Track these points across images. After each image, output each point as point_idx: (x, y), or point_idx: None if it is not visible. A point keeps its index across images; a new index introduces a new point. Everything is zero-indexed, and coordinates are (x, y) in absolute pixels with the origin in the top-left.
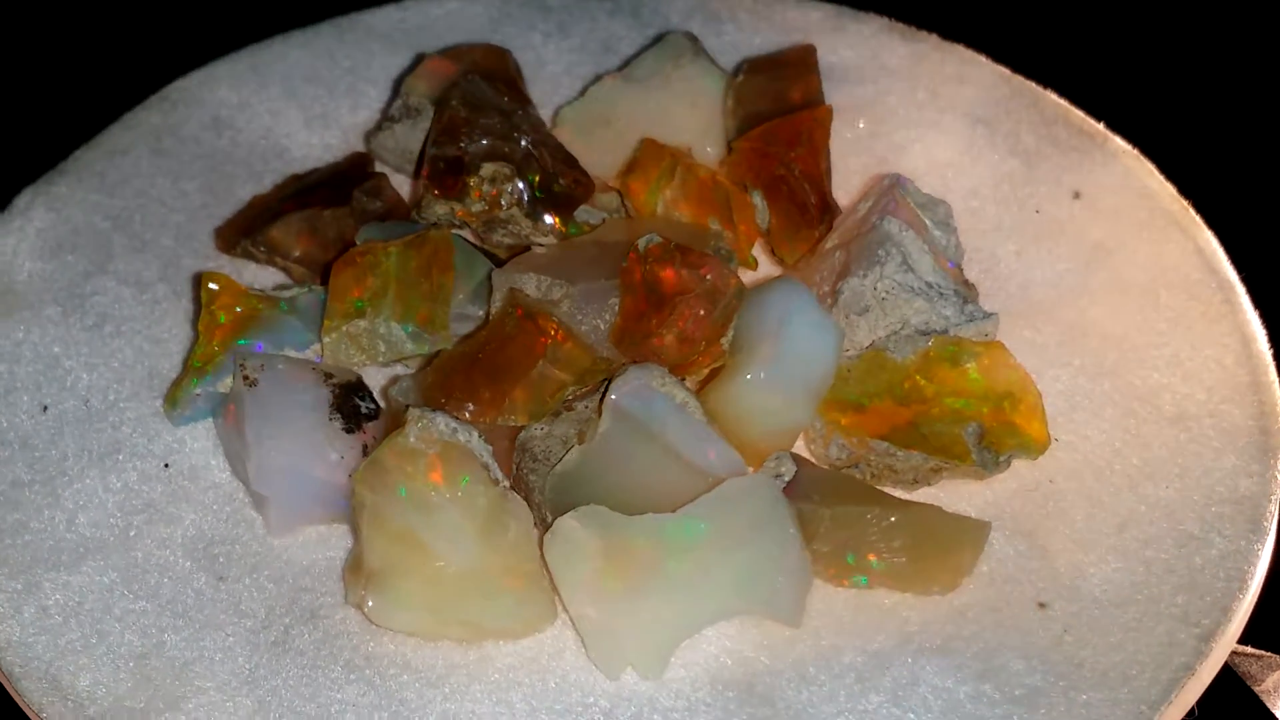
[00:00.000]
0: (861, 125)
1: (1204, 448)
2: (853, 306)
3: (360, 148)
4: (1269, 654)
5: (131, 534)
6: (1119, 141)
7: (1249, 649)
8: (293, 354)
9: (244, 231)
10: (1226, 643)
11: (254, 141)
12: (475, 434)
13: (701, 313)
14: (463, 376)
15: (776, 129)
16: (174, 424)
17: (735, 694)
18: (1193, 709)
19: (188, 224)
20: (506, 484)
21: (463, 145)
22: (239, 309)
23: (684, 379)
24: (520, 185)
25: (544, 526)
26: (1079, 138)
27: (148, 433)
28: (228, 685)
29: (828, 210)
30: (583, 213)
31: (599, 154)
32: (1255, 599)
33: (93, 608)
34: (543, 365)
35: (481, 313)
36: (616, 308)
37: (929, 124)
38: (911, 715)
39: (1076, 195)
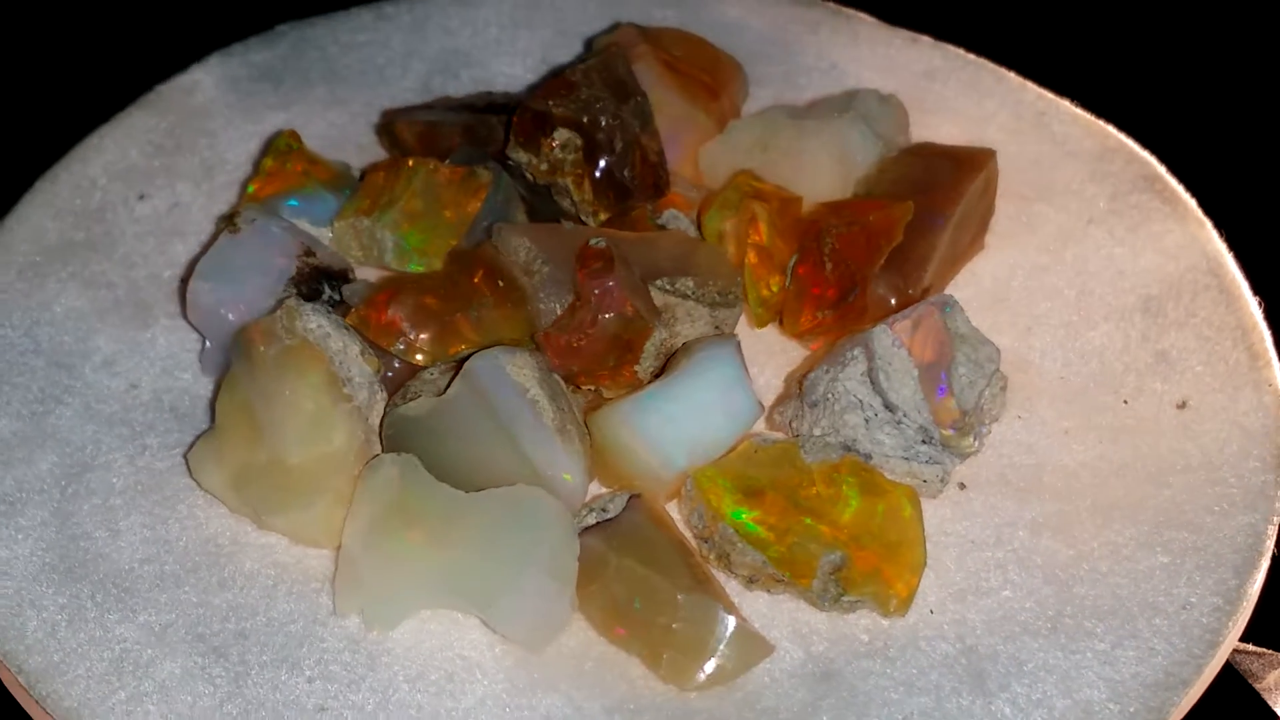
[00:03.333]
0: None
1: (1072, 681)
2: (808, 395)
3: None
4: (1270, 651)
5: (107, 316)
6: (1275, 374)
7: (1250, 646)
8: (307, 226)
9: (389, 121)
10: (1228, 644)
11: (487, 55)
12: (355, 347)
13: (585, 323)
14: (387, 296)
15: (850, 205)
16: None
17: (434, 677)
18: None
19: (376, 102)
20: (371, 402)
21: (552, 104)
22: (300, 169)
23: (593, 388)
24: (583, 160)
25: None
26: (1242, 355)
27: (192, 249)
28: (64, 470)
29: (845, 300)
30: (671, 218)
31: None
32: (1257, 597)
33: (23, 357)
34: (459, 318)
35: None
36: None
37: (1103, 281)
38: None
39: (1182, 405)
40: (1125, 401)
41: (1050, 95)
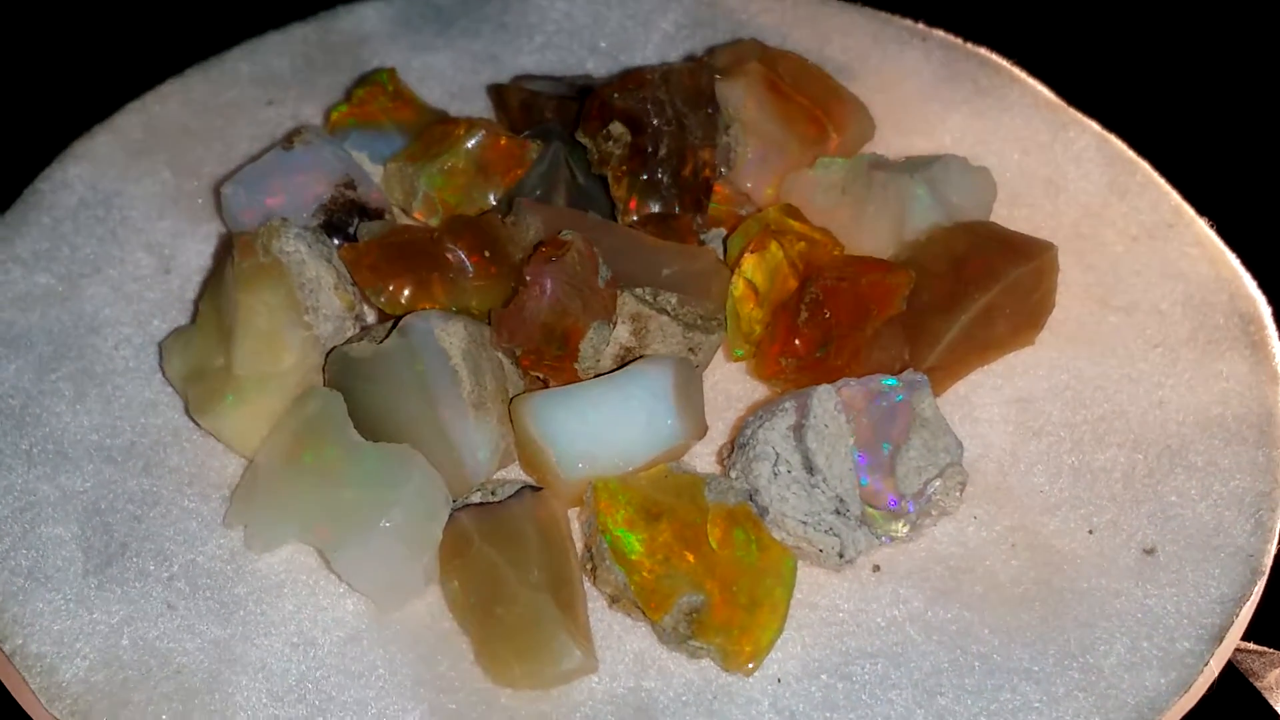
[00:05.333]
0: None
1: None
2: (739, 437)
3: None
4: (1271, 650)
5: (179, 202)
6: (1268, 551)
7: (1251, 645)
8: (366, 161)
9: (507, 83)
10: (1230, 642)
11: (651, 46)
12: (330, 280)
13: (519, 306)
14: (387, 239)
15: (855, 262)
16: None
17: (286, 606)
18: None
19: (526, 65)
20: (338, 336)
21: (617, 97)
22: (383, 105)
23: (539, 376)
24: (627, 157)
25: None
26: (1242, 522)
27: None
28: (65, 330)
29: (813, 354)
30: (714, 237)
31: (812, 210)
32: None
33: (89, 224)
34: (434, 278)
35: None
36: None
37: (1140, 406)
38: None
39: (1150, 551)
40: (1090, 532)
41: (1190, 212)
